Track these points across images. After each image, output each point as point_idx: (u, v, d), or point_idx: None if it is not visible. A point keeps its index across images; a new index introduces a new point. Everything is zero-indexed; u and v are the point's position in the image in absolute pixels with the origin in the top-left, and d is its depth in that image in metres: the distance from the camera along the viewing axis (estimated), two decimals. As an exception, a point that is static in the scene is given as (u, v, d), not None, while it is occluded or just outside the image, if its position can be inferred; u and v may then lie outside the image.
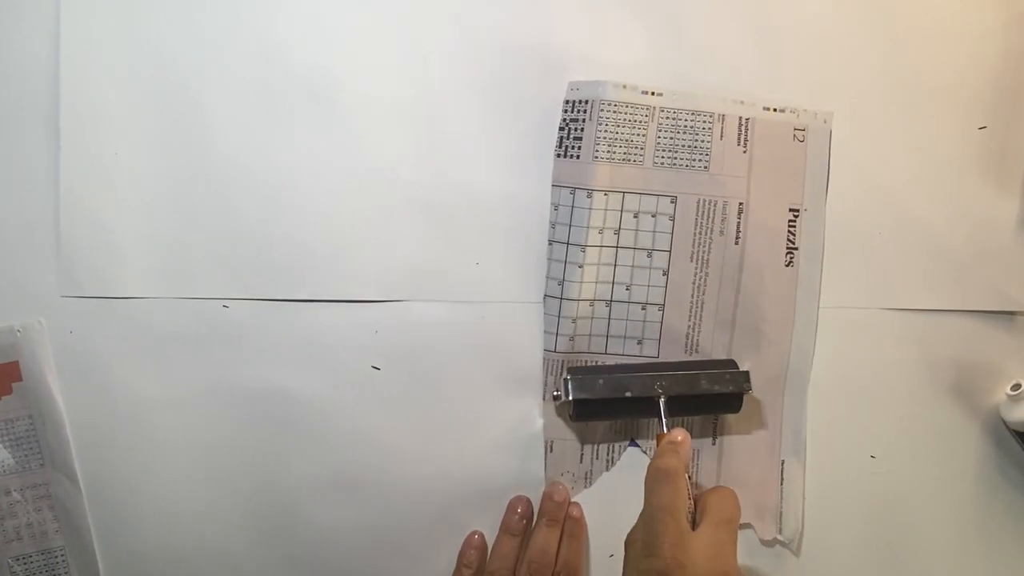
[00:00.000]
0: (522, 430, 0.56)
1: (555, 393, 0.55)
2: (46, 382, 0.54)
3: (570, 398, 0.53)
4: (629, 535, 0.47)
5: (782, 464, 0.58)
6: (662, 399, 0.53)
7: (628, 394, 0.54)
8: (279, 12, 0.55)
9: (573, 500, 0.57)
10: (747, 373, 0.55)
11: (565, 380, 0.54)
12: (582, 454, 0.57)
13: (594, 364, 0.57)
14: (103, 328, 0.54)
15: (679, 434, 0.51)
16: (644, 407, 0.54)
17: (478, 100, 0.56)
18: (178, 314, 0.54)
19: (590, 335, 0.57)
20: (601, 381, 0.54)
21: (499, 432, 0.56)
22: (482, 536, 0.56)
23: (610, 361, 0.57)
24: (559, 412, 0.57)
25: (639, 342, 0.57)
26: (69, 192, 0.54)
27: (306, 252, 0.55)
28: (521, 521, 0.55)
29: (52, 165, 0.54)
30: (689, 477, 0.49)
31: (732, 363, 0.56)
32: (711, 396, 0.54)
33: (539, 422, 0.56)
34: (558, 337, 0.56)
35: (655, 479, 0.47)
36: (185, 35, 0.54)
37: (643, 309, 0.57)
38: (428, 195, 0.55)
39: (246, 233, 0.55)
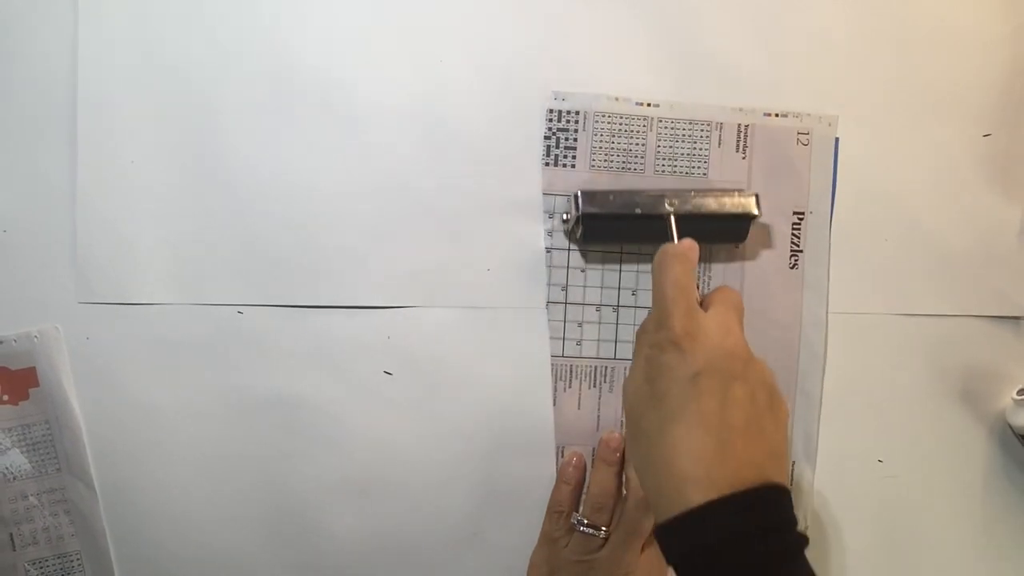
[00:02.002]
0: (533, 434, 0.57)
1: (564, 217, 0.55)
2: (63, 388, 0.55)
3: (579, 212, 0.53)
4: (641, 325, 0.47)
5: (792, 466, 0.58)
6: (672, 216, 0.52)
7: (638, 211, 0.53)
8: (293, 23, 0.56)
9: None
10: (756, 195, 0.55)
11: (575, 196, 0.53)
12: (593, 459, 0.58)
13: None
14: (119, 334, 0.55)
15: (687, 241, 0.50)
16: (655, 227, 0.53)
17: (487, 108, 0.57)
18: (193, 320, 0.55)
19: (598, 340, 0.57)
20: (612, 197, 0.53)
21: (510, 436, 0.57)
22: (582, 456, 0.57)
23: (619, 366, 0.57)
24: (569, 236, 0.56)
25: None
26: (86, 199, 0.55)
27: (319, 259, 0.56)
28: (616, 452, 0.56)
29: (69, 173, 0.55)
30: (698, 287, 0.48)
31: (741, 189, 0.56)
32: (720, 218, 0.54)
33: (550, 427, 0.57)
34: (565, 342, 0.57)
35: (664, 260, 0.47)
36: (201, 45, 0.55)
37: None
38: (439, 202, 0.56)
39: (260, 240, 0.55)
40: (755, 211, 0.54)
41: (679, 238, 0.52)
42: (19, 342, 0.55)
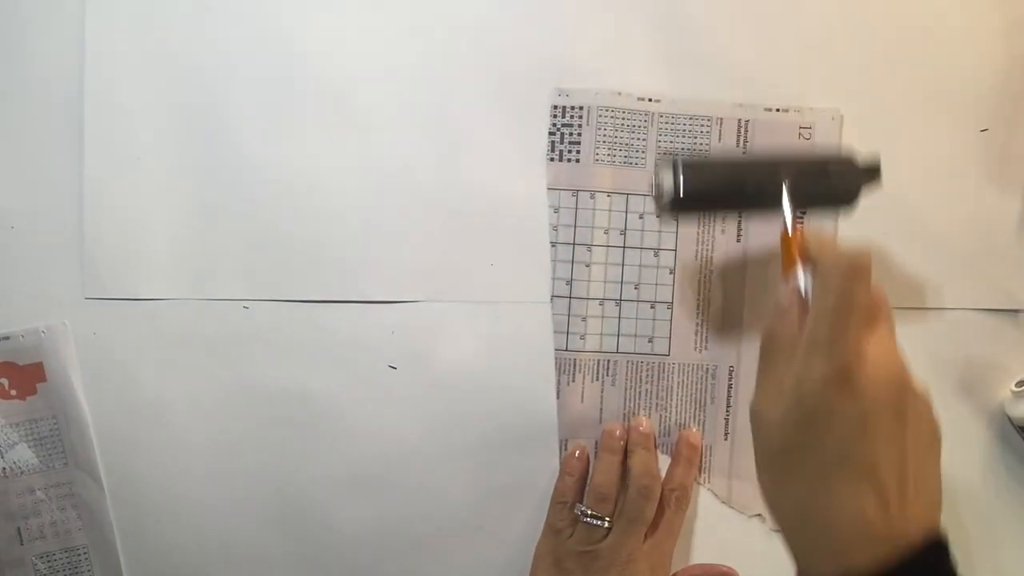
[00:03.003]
0: (537, 428, 0.57)
1: (656, 186, 0.49)
2: (70, 383, 0.55)
3: (680, 191, 0.47)
4: (769, 336, 0.43)
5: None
6: (785, 189, 0.47)
7: (748, 189, 0.48)
8: (299, 20, 0.56)
9: (694, 429, 0.57)
10: (878, 165, 0.51)
11: (674, 165, 0.48)
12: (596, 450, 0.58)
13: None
14: (126, 329, 0.56)
15: (867, 254, 0.41)
16: (761, 198, 0.49)
17: (492, 105, 0.57)
18: (199, 315, 0.56)
19: (601, 334, 0.58)
20: (718, 170, 0.48)
21: (514, 430, 0.57)
22: (585, 448, 0.57)
23: (621, 359, 0.58)
24: (658, 205, 0.51)
25: (650, 340, 0.58)
26: (93, 196, 0.55)
27: (325, 254, 0.56)
28: (620, 441, 0.56)
29: (76, 169, 0.55)
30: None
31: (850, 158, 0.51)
32: (831, 189, 0.50)
33: (554, 420, 0.57)
34: (569, 336, 0.57)
35: (838, 267, 0.40)
36: (207, 40, 0.56)
37: (652, 308, 0.58)
38: (444, 197, 0.57)
39: (266, 236, 0.56)
40: (877, 179, 0.50)
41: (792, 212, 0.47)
42: (27, 337, 0.55)
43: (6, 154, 0.55)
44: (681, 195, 0.47)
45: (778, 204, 0.47)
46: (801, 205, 0.49)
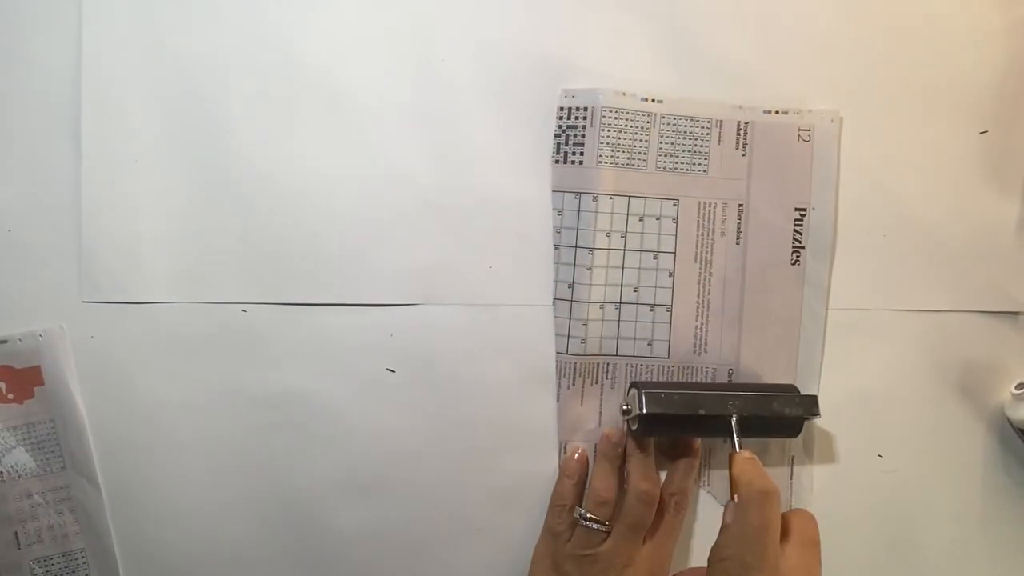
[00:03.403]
0: (536, 431, 0.57)
1: (624, 407, 0.56)
2: (67, 386, 0.55)
3: (641, 411, 0.53)
4: (716, 550, 0.48)
5: (792, 461, 0.59)
6: (734, 418, 0.53)
7: (701, 411, 0.53)
8: (297, 20, 0.56)
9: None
10: (815, 398, 0.55)
11: (638, 394, 0.54)
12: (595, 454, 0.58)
13: (660, 381, 0.58)
14: (123, 332, 0.55)
15: (751, 456, 0.51)
16: (713, 426, 0.54)
17: (491, 107, 0.57)
18: (197, 318, 0.55)
19: (601, 337, 0.58)
20: (676, 397, 0.54)
21: (513, 433, 0.57)
22: (584, 451, 0.57)
23: (621, 362, 0.58)
24: (625, 424, 0.57)
25: (649, 343, 0.58)
26: (90, 198, 0.55)
27: (323, 257, 0.56)
28: (618, 447, 0.56)
29: (74, 172, 0.55)
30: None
31: (795, 388, 0.57)
32: (777, 419, 0.54)
33: (553, 423, 0.57)
34: (570, 339, 0.57)
35: (757, 499, 0.48)
36: (205, 43, 0.56)
37: (651, 310, 0.58)
38: (442, 200, 0.56)
39: (264, 238, 0.56)
40: (815, 413, 0.55)
41: (739, 439, 0.53)
42: (24, 341, 0.55)
43: (3, 156, 0.55)
44: (644, 412, 0.53)
45: (729, 432, 0.53)
46: (750, 434, 0.54)
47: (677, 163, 0.58)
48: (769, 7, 0.58)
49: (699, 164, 0.58)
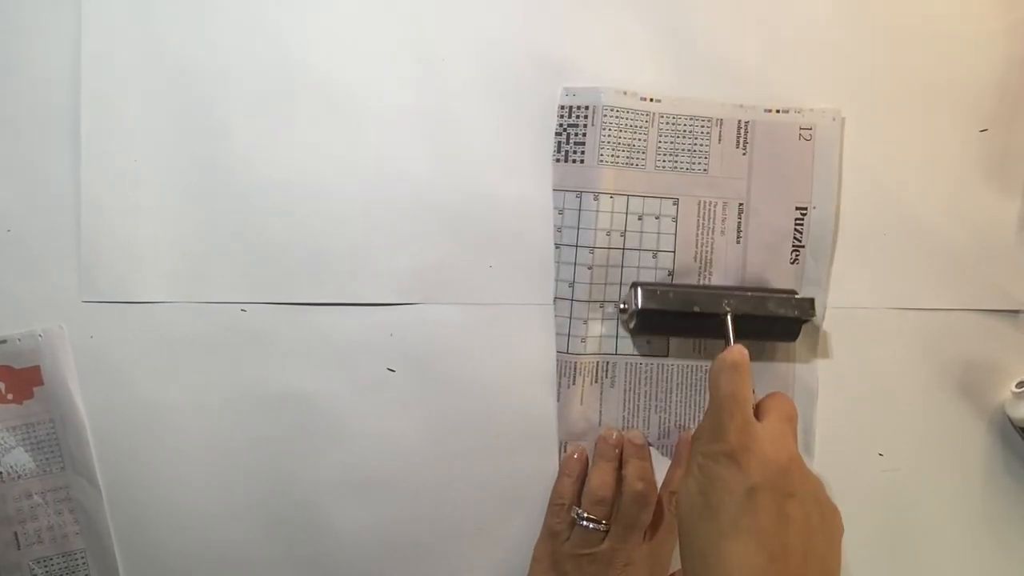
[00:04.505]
0: (536, 430, 0.57)
1: (621, 305, 0.56)
2: (67, 386, 0.55)
3: (637, 307, 0.54)
4: (695, 431, 0.48)
5: (792, 461, 0.59)
6: (729, 316, 0.53)
7: (696, 309, 0.54)
8: (296, 21, 0.56)
9: (693, 431, 0.57)
10: (812, 300, 0.56)
11: (634, 290, 0.55)
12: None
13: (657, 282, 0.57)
14: (123, 332, 0.55)
15: (741, 350, 0.49)
16: (709, 324, 0.54)
17: (490, 106, 0.57)
18: (197, 318, 0.55)
19: (600, 336, 0.57)
20: (671, 294, 0.54)
21: (514, 432, 0.57)
22: (584, 449, 0.57)
23: (620, 361, 0.58)
24: (623, 323, 0.57)
25: (648, 341, 0.58)
26: (89, 198, 0.55)
27: (322, 256, 0.56)
28: (615, 448, 0.56)
29: (73, 172, 0.55)
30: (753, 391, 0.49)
31: (793, 291, 0.57)
32: (774, 320, 0.55)
33: (553, 423, 0.57)
34: (570, 338, 0.57)
35: (722, 370, 0.47)
36: (204, 44, 0.56)
37: (652, 309, 0.58)
38: (442, 199, 0.56)
39: (264, 238, 0.56)
40: (811, 314, 0.55)
41: (734, 337, 0.53)
42: (23, 341, 0.55)
43: (3, 156, 0.55)
44: (639, 307, 0.54)
45: (724, 332, 0.53)
46: (745, 336, 0.53)
47: (677, 162, 0.58)
48: (770, 6, 0.59)
49: (699, 163, 0.58)
